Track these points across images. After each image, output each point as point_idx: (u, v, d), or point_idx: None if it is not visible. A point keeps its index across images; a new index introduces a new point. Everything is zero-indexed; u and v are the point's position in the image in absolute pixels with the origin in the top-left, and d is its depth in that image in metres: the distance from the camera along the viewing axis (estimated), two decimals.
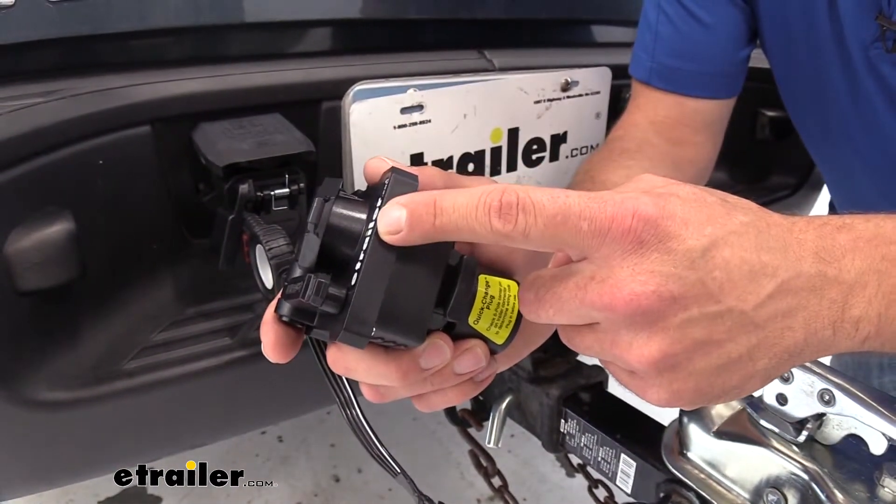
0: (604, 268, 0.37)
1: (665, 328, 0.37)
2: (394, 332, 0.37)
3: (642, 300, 0.36)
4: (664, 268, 0.36)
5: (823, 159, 0.98)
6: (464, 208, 0.36)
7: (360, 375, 0.40)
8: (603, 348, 0.39)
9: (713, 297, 0.37)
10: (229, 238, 0.78)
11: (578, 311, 0.38)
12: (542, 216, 0.35)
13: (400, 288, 0.37)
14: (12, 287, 0.69)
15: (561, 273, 0.38)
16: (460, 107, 0.95)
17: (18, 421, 0.78)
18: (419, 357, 0.40)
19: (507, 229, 0.35)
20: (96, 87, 0.75)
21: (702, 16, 0.88)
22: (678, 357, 0.37)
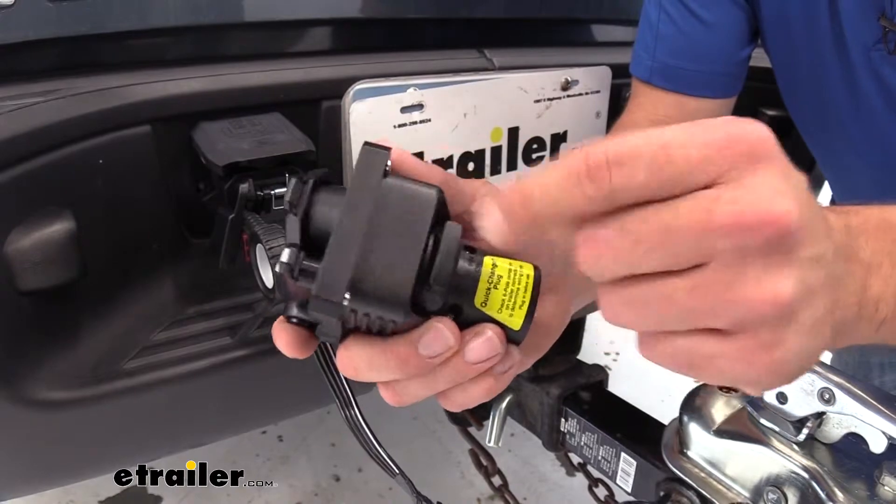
0: (733, 188, 0.30)
1: (793, 262, 0.31)
2: (370, 301, 0.35)
3: (793, 219, 0.29)
4: (795, 191, 0.31)
5: (824, 157, 0.98)
6: (552, 186, 0.31)
7: (364, 372, 0.38)
8: (706, 298, 0.31)
9: (819, 237, 0.32)
10: (229, 237, 0.78)
11: (693, 243, 0.30)
12: (638, 161, 0.29)
13: (375, 254, 0.35)
14: (13, 287, 0.69)
15: (661, 204, 0.30)
16: (460, 106, 0.95)
17: (19, 420, 0.78)
18: (417, 342, 0.36)
19: (604, 191, 0.30)
20: (96, 87, 0.75)
21: (703, 15, 0.88)
22: (799, 303, 0.31)
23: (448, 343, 0.36)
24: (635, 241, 0.30)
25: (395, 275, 0.35)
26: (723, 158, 0.30)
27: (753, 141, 0.30)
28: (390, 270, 0.35)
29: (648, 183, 0.30)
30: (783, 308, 0.31)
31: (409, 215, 0.36)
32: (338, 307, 0.34)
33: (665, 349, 0.34)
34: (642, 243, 0.30)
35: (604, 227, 0.31)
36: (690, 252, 0.30)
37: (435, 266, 0.36)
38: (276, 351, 0.39)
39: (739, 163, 0.30)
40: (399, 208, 0.37)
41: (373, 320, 0.36)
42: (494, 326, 0.37)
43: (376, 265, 0.35)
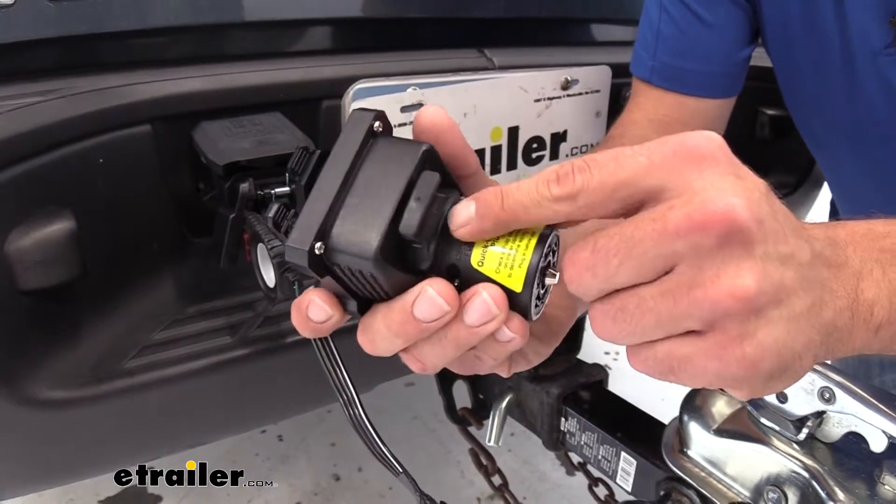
0: (683, 193, 0.33)
1: (752, 257, 0.33)
2: (342, 250, 0.35)
3: (740, 213, 0.32)
4: (745, 190, 0.33)
5: (823, 157, 0.98)
6: (526, 186, 0.35)
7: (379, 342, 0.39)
8: (675, 301, 0.33)
9: (784, 236, 0.34)
10: (230, 237, 0.78)
11: (655, 250, 0.33)
12: (596, 168, 0.34)
13: (351, 205, 0.35)
14: (13, 286, 0.69)
15: (624, 221, 0.34)
16: (460, 105, 0.95)
17: (19, 420, 0.78)
18: (411, 307, 0.36)
19: (566, 191, 0.34)
20: (96, 86, 0.75)
21: (704, 15, 0.88)
22: (764, 297, 0.33)
23: (441, 306, 0.36)
24: (606, 256, 0.33)
25: (367, 223, 0.35)
26: (668, 163, 0.33)
27: (697, 145, 0.33)
28: (363, 220, 0.35)
29: (604, 184, 0.34)
30: (745, 301, 0.33)
31: (390, 169, 0.36)
32: (304, 252, 0.34)
33: (648, 357, 0.36)
34: (612, 258, 0.33)
35: (580, 250, 0.34)
36: (655, 260, 0.33)
37: (405, 213, 0.35)
38: (276, 350, 0.39)
39: (685, 167, 0.33)
40: (381, 164, 0.37)
41: (363, 281, 0.36)
42: (490, 286, 0.36)
43: (350, 215, 0.35)
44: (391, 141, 0.37)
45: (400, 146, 0.37)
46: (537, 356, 0.47)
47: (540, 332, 0.47)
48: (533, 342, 0.46)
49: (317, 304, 0.38)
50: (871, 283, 0.39)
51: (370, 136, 0.37)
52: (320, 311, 0.38)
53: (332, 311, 0.39)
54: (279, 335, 0.89)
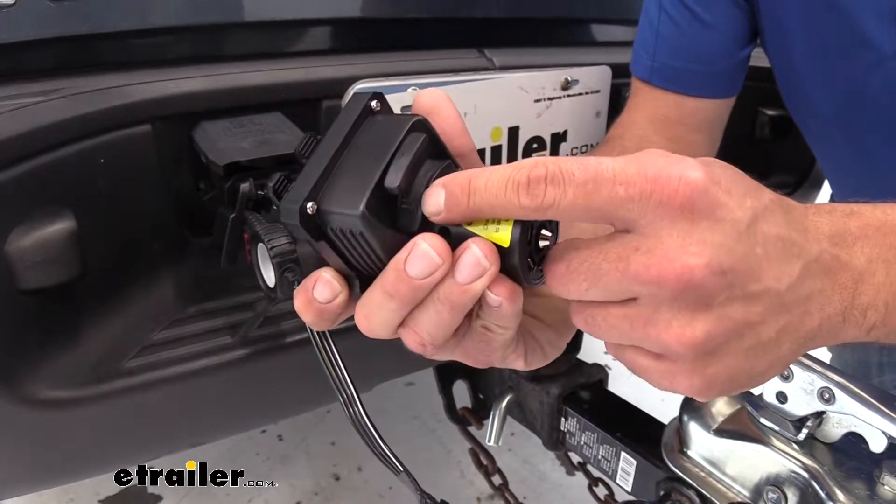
0: (650, 237, 0.34)
1: (709, 307, 0.34)
2: (331, 208, 0.36)
3: (696, 273, 0.33)
4: (715, 238, 0.34)
5: (823, 157, 0.98)
6: (494, 187, 0.35)
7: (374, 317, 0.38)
8: (633, 327, 0.36)
9: (755, 275, 0.35)
10: (230, 237, 0.78)
11: (617, 286, 0.35)
12: (571, 185, 0.33)
13: (342, 170, 0.37)
14: (13, 286, 0.69)
15: (598, 243, 0.35)
16: (460, 105, 0.95)
17: (19, 419, 0.78)
18: (403, 261, 0.36)
19: (536, 203, 0.34)
20: (97, 86, 0.75)
21: (704, 15, 0.88)
22: (718, 340, 0.35)
23: (432, 260, 0.36)
24: (577, 279, 0.35)
25: (356, 184, 0.36)
26: (644, 200, 0.33)
27: (676, 190, 0.33)
28: (353, 181, 0.36)
29: (575, 206, 0.33)
30: (693, 348, 0.35)
31: (381, 138, 0.38)
32: (301, 215, 0.36)
33: (616, 353, 0.39)
34: (582, 282, 0.35)
35: (557, 261, 0.36)
36: (617, 293, 0.35)
37: (389, 169, 0.36)
38: (276, 350, 0.40)
39: (659, 210, 0.33)
40: (374, 135, 0.38)
41: (356, 244, 0.37)
42: (480, 240, 0.36)
43: (341, 178, 0.37)
44: (386, 117, 0.39)
45: (393, 119, 0.39)
46: (553, 348, 0.47)
47: (554, 322, 0.47)
48: (547, 333, 0.47)
49: (324, 279, 0.39)
50: (870, 286, 0.39)
51: (367, 114, 0.39)
52: (326, 288, 0.39)
53: (340, 287, 0.39)
54: (279, 335, 0.89)
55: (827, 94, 0.85)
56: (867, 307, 0.39)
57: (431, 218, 0.37)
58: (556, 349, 0.47)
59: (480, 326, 0.40)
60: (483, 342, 0.40)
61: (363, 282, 0.39)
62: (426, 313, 0.38)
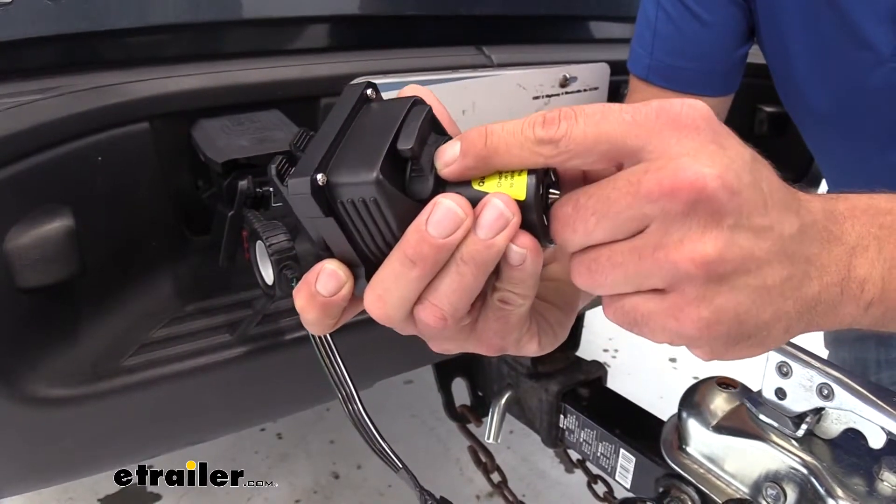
0: (661, 158, 0.34)
1: (719, 226, 0.34)
2: (343, 179, 0.36)
3: (709, 182, 0.33)
4: (724, 159, 0.34)
5: (821, 155, 0.98)
6: (511, 126, 0.36)
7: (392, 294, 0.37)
8: (641, 258, 0.35)
9: (761, 208, 0.35)
10: (229, 234, 0.78)
11: (628, 211, 0.34)
12: (582, 116, 0.35)
13: (348, 145, 0.37)
14: (12, 284, 0.69)
15: (607, 179, 0.35)
16: (459, 103, 0.95)
17: (18, 418, 0.78)
18: (425, 224, 0.36)
19: (550, 134, 0.35)
20: (95, 84, 0.75)
21: (701, 14, 0.88)
22: (727, 265, 0.34)
23: (456, 214, 0.35)
24: (584, 214, 0.35)
25: (366, 154, 0.36)
26: (650, 125, 0.34)
27: (680, 112, 0.35)
28: (362, 153, 0.36)
29: (587, 135, 0.35)
30: (703, 267, 0.34)
31: (383, 118, 0.38)
32: (312, 185, 0.35)
33: (617, 309, 0.38)
34: (590, 216, 0.35)
35: (564, 205, 0.36)
36: (628, 221, 0.35)
37: (400, 135, 0.37)
38: (275, 348, 0.39)
39: (666, 132, 0.34)
40: (374, 117, 0.39)
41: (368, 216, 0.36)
42: (499, 193, 0.36)
43: (349, 152, 0.37)
44: (382, 102, 0.40)
45: (390, 102, 0.39)
46: (562, 329, 0.47)
47: (561, 302, 0.48)
48: (556, 313, 0.47)
49: (327, 270, 0.38)
50: (864, 259, 0.40)
51: (363, 102, 0.40)
52: (331, 279, 0.38)
53: (344, 276, 0.38)
54: (278, 333, 0.89)
55: (825, 93, 0.85)
56: (864, 280, 0.40)
57: (445, 169, 0.37)
58: (565, 330, 0.48)
59: (498, 300, 0.39)
60: (500, 319, 0.40)
61: (369, 268, 0.38)
62: (447, 279, 0.37)
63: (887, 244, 0.40)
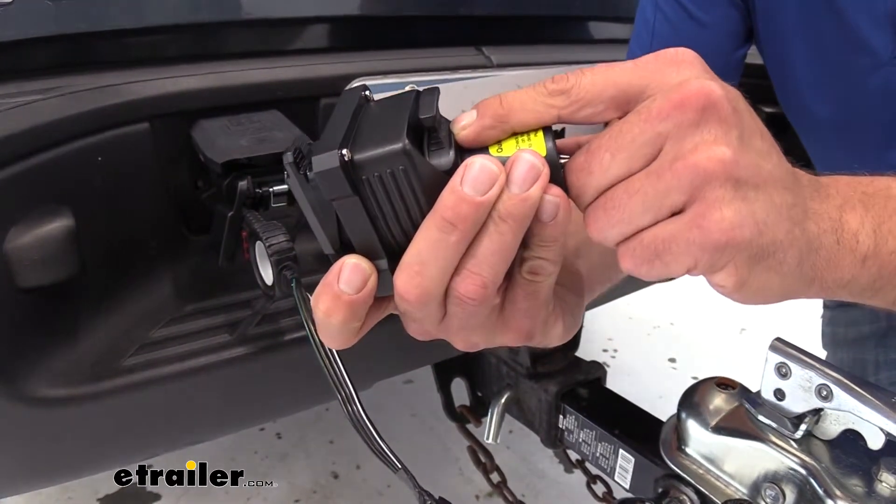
0: (663, 87, 0.37)
1: (728, 136, 0.36)
2: (368, 154, 0.35)
3: (715, 91, 0.35)
4: (720, 83, 0.37)
5: (819, 158, 0.98)
6: (524, 88, 0.38)
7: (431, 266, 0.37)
8: (659, 177, 0.36)
9: (760, 135, 0.38)
10: (229, 235, 0.78)
11: (642, 137, 0.36)
12: (588, 70, 0.38)
13: (364, 124, 0.38)
14: (12, 284, 0.70)
15: (614, 124, 0.38)
16: (458, 103, 0.95)
17: (18, 417, 0.78)
18: (460, 185, 0.36)
19: (560, 86, 0.38)
20: (95, 84, 0.75)
21: (699, 15, 0.88)
22: (741, 170, 0.36)
23: (491, 170, 0.36)
24: (598, 152, 0.37)
25: (386, 130, 0.36)
26: (650, 66, 0.38)
27: (675, 52, 0.39)
28: (382, 131, 0.36)
29: (595, 82, 0.38)
30: (721, 164, 0.35)
31: (392, 107, 0.39)
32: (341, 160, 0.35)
33: (636, 248, 0.38)
34: (604, 153, 0.37)
35: (577, 156, 0.38)
36: (643, 147, 0.36)
37: (420, 109, 0.38)
38: (274, 348, 0.39)
39: (665, 68, 0.38)
40: (381, 109, 0.39)
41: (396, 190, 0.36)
42: (526, 149, 0.37)
43: (367, 133, 0.37)
44: (383, 100, 0.40)
45: (393, 98, 0.40)
46: (578, 309, 0.49)
47: (569, 282, 0.49)
48: (572, 297, 0.49)
49: (349, 264, 0.37)
50: (854, 215, 0.42)
51: (363, 103, 0.40)
52: (356, 273, 0.37)
53: (368, 269, 0.38)
54: (277, 333, 0.89)
55: (823, 96, 0.85)
56: (856, 232, 0.42)
57: (462, 132, 0.38)
58: (580, 314, 0.50)
59: (527, 273, 0.40)
60: (529, 297, 0.41)
61: (391, 259, 0.38)
62: (486, 241, 0.37)
63: (872, 206, 0.43)
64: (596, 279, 0.54)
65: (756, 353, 0.82)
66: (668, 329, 2.73)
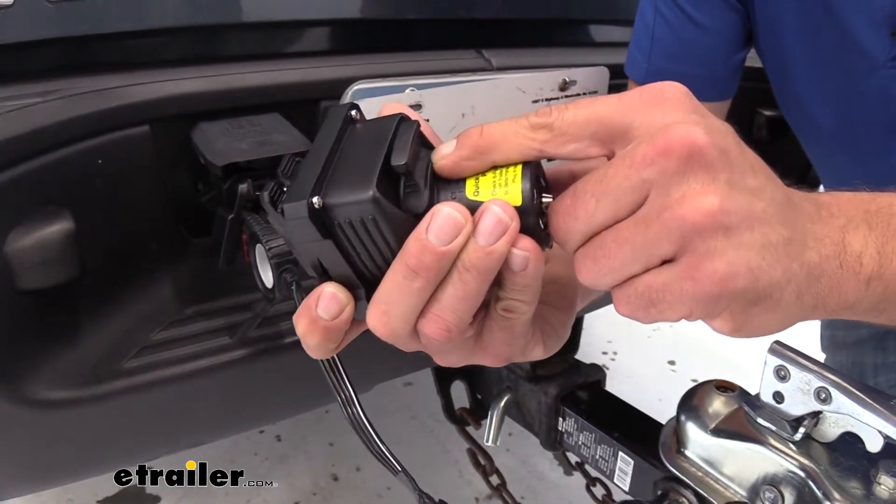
0: (647, 131, 0.36)
1: (716, 181, 0.35)
2: (338, 200, 0.36)
3: (699, 138, 0.34)
4: (707, 125, 0.36)
5: (818, 161, 0.98)
6: (506, 120, 0.38)
7: (395, 307, 0.37)
8: (647, 227, 0.35)
9: (750, 171, 0.36)
10: (229, 238, 0.78)
11: (626, 183, 0.35)
12: (573, 105, 0.37)
13: (339, 167, 0.37)
14: (12, 286, 0.70)
15: (600, 166, 0.37)
16: (458, 106, 0.95)
17: (18, 420, 0.78)
18: (425, 233, 0.36)
19: (542, 120, 0.37)
20: (95, 87, 0.75)
21: (699, 19, 0.88)
22: (731, 216, 0.35)
23: (456, 220, 0.36)
24: (584, 198, 0.36)
25: (360, 173, 0.36)
26: (635, 104, 0.37)
27: (662, 90, 0.37)
28: (355, 173, 0.36)
29: (577, 116, 0.37)
30: (710, 216, 0.35)
31: (372, 137, 0.38)
32: (309, 208, 0.35)
33: (630, 295, 0.37)
34: (590, 199, 0.36)
35: (562, 198, 0.37)
36: (628, 193, 0.35)
37: (392, 151, 0.37)
38: (275, 351, 0.39)
39: (650, 108, 0.37)
40: (363, 136, 0.39)
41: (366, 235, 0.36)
42: (496, 200, 0.36)
43: (341, 173, 0.37)
44: (367, 122, 0.40)
45: (377, 122, 0.40)
46: (564, 329, 0.48)
47: (562, 303, 0.48)
48: (558, 315, 0.47)
49: (327, 293, 0.38)
50: (857, 236, 0.41)
51: (348, 123, 0.40)
52: (332, 302, 0.38)
53: (345, 299, 0.38)
54: (278, 336, 0.89)
55: (822, 99, 0.85)
56: (860, 254, 0.40)
57: (441, 161, 0.38)
58: (567, 330, 0.48)
59: (502, 310, 0.39)
60: (505, 329, 0.40)
61: (368, 289, 0.39)
62: (450, 289, 0.37)
63: (876, 225, 0.42)
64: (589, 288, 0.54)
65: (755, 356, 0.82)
66: (667, 332, 2.73)
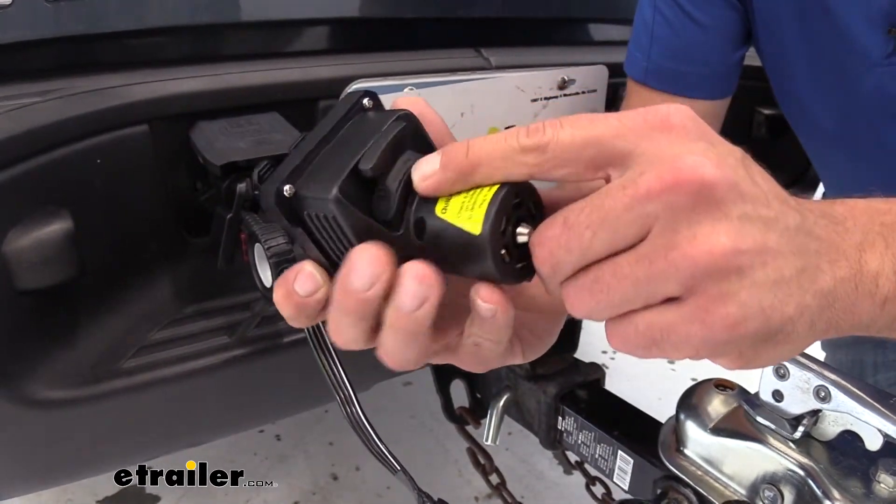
0: (652, 157, 0.33)
1: (728, 218, 0.32)
2: (307, 193, 0.36)
3: (708, 172, 0.31)
4: (717, 155, 0.33)
5: (818, 160, 0.98)
6: (495, 137, 0.35)
7: (338, 329, 0.37)
8: (651, 264, 0.32)
9: (763, 201, 0.33)
10: (227, 237, 0.78)
11: (628, 215, 0.32)
12: (568, 123, 0.34)
13: (323, 158, 0.38)
14: (11, 286, 0.70)
15: (594, 193, 0.33)
16: (457, 105, 0.95)
17: (17, 420, 0.78)
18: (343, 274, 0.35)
19: (535, 140, 0.33)
20: (94, 87, 0.75)
21: (698, 17, 0.88)
22: (744, 256, 0.32)
23: (372, 270, 0.34)
24: (578, 229, 0.33)
25: (333, 169, 0.36)
26: (638, 128, 0.33)
27: (668, 114, 0.34)
28: (331, 167, 0.36)
29: (574, 138, 0.33)
30: (723, 258, 0.32)
31: (365, 130, 0.38)
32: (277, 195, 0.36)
33: (628, 332, 0.34)
34: (585, 230, 0.32)
35: (549, 228, 0.34)
36: (629, 226, 0.32)
37: (363, 156, 0.36)
38: (274, 350, 0.39)
39: (655, 134, 0.33)
40: (359, 128, 0.38)
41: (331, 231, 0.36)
42: (418, 263, 0.35)
43: (321, 165, 0.37)
44: (375, 113, 0.39)
45: (381, 115, 0.39)
46: (549, 335, 0.46)
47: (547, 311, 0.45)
48: (541, 323, 0.45)
49: (305, 271, 0.37)
50: (874, 254, 0.38)
51: (357, 111, 0.39)
52: (308, 281, 0.37)
53: (321, 280, 0.37)
54: (277, 335, 0.89)
55: (821, 98, 0.85)
56: (877, 274, 0.38)
57: (422, 183, 0.36)
58: (553, 336, 0.46)
59: (472, 344, 0.38)
60: (476, 356, 0.39)
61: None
62: (386, 336, 0.36)
63: (893, 242, 0.39)
64: None
65: None
66: None
